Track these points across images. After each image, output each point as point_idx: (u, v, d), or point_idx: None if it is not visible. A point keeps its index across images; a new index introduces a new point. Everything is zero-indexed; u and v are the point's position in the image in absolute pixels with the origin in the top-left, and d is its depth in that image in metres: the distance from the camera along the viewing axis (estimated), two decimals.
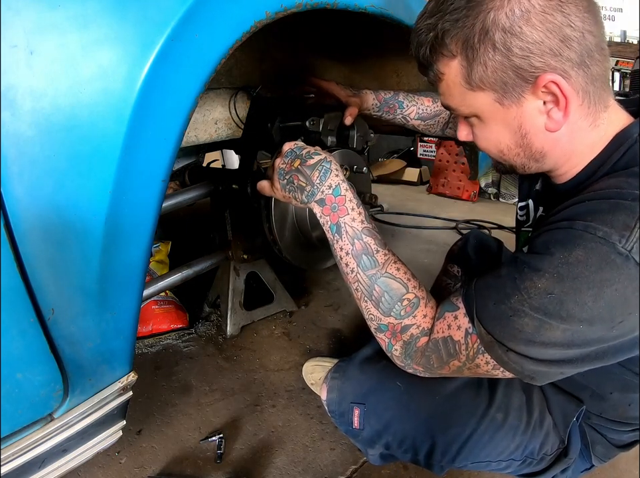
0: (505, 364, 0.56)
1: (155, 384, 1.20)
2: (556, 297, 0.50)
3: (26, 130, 0.44)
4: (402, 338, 0.63)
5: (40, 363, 0.53)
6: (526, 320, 0.52)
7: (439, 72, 0.57)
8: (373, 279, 0.64)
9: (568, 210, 0.53)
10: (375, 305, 0.64)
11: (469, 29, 0.51)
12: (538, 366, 0.54)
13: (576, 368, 0.55)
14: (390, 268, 0.64)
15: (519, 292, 0.52)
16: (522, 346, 0.53)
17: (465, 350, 0.58)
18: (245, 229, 1.34)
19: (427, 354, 0.62)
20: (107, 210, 0.51)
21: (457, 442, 0.73)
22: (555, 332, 0.51)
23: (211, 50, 0.55)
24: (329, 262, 1.36)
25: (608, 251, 0.47)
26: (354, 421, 0.77)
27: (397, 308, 0.63)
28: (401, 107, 1.06)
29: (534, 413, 0.75)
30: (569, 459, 0.76)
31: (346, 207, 0.66)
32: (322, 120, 1.04)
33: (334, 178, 0.68)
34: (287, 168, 0.71)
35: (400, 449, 0.77)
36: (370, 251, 0.64)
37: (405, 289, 0.63)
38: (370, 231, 0.66)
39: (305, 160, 0.69)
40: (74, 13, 0.44)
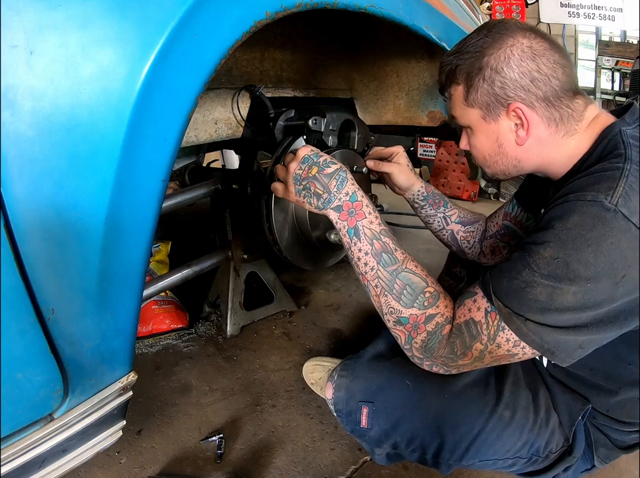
0: (525, 336, 0.60)
1: (155, 384, 1.20)
2: (561, 261, 0.56)
3: (26, 130, 0.44)
4: (426, 328, 0.66)
5: (40, 363, 0.53)
6: (538, 290, 0.58)
7: (450, 93, 0.76)
8: (394, 274, 0.68)
9: (562, 191, 0.63)
10: (396, 298, 0.68)
11: (471, 66, 0.70)
12: (556, 334, 0.58)
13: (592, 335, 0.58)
14: (409, 264, 0.69)
15: (529, 266, 0.59)
16: (539, 315, 0.58)
17: (486, 328, 0.62)
18: (245, 229, 1.34)
19: (452, 340, 0.65)
20: (107, 210, 0.51)
21: (466, 440, 0.73)
22: (566, 296, 0.56)
23: (211, 50, 0.55)
24: (329, 262, 1.36)
25: (598, 210, 0.55)
26: (362, 420, 0.77)
27: (420, 299, 0.67)
28: (445, 207, 1.10)
29: (541, 411, 0.76)
30: (573, 458, 0.77)
31: (364, 211, 0.72)
32: (325, 120, 1.04)
33: (350, 186, 0.74)
34: (303, 174, 0.75)
35: (408, 449, 0.78)
36: (390, 249, 0.70)
37: (425, 283, 0.68)
38: (387, 232, 0.71)
39: (323, 168, 0.74)
40: (74, 13, 0.44)
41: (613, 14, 3.73)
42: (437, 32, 0.97)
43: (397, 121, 1.43)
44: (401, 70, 1.34)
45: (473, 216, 1.10)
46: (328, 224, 1.18)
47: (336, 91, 1.42)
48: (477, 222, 1.09)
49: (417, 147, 3.49)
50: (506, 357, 0.63)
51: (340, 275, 1.84)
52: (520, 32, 0.68)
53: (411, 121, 1.40)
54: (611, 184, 0.56)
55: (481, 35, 0.70)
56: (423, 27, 0.92)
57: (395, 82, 1.37)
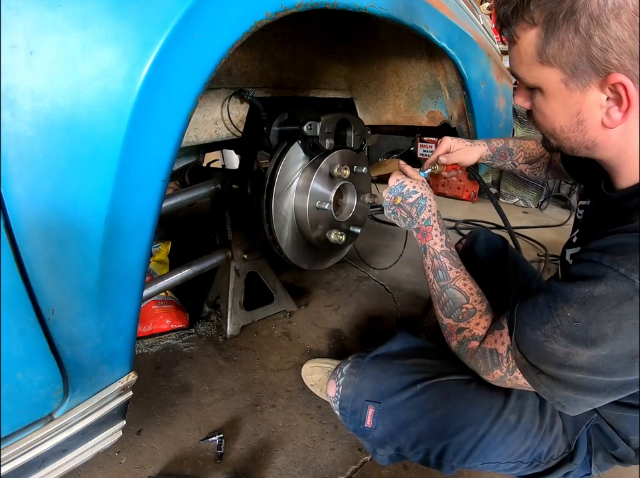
0: (537, 387, 0.62)
1: (155, 384, 1.20)
2: (582, 326, 0.54)
3: (26, 130, 0.44)
4: (457, 338, 0.74)
5: (40, 363, 0.53)
6: (556, 346, 0.57)
7: (515, 35, 0.56)
8: (443, 288, 0.77)
9: (603, 240, 0.55)
10: (441, 308, 0.78)
11: (557, 4, 0.50)
12: (566, 391, 0.59)
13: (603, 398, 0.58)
14: (458, 283, 0.76)
15: (552, 319, 0.57)
16: (553, 369, 0.59)
17: (506, 363, 0.65)
18: (246, 229, 1.34)
19: (476, 358, 0.70)
20: (107, 210, 0.51)
21: (470, 442, 0.73)
22: (582, 357, 0.55)
23: (211, 50, 0.55)
24: (329, 262, 1.36)
25: (628, 289, 0.51)
26: (367, 419, 0.77)
27: (456, 313, 0.75)
28: (511, 154, 1.09)
29: (546, 418, 0.76)
30: (573, 464, 0.77)
31: (432, 234, 0.82)
32: (320, 124, 1.04)
33: (427, 213, 0.83)
34: (391, 202, 0.87)
35: (412, 451, 0.78)
36: (445, 268, 0.78)
37: (466, 300, 0.75)
38: (446, 253, 0.79)
39: (405, 198, 0.84)
40: (74, 13, 0.44)
41: None
42: (437, 32, 0.97)
43: (397, 121, 1.43)
44: (401, 70, 1.34)
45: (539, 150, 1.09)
46: (328, 224, 1.19)
47: (336, 91, 1.42)
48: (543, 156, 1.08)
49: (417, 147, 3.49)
50: (525, 387, 0.66)
51: (340, 275, 1.84)
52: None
53: (411, 121, 1.40)
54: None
55: None
56: (423, 27, 0.92)
57: (395, 82, 1.37)
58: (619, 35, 0.48)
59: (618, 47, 0.49)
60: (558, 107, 0.58)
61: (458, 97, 1.26)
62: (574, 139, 0.60)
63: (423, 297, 1.65)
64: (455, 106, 1.29)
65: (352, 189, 1.23)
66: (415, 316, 1.52)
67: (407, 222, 0.85)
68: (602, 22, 0.48)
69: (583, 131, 0.58)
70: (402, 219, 0.86)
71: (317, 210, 1.12)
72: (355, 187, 1.23)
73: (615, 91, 0.52)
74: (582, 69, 0.52)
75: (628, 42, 0.48)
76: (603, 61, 0.50)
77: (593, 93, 0.53)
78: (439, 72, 1.25)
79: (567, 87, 0.54)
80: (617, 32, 0.48)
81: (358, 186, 1.24)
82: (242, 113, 1.10)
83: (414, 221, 0.84)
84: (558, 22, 0.50)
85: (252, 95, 1.05)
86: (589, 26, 0.49)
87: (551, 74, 0.55)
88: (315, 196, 1.11)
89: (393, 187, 0.87)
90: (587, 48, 0.50)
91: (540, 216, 2.79)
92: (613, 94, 0.52)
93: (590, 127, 0.57)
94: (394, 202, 0.86)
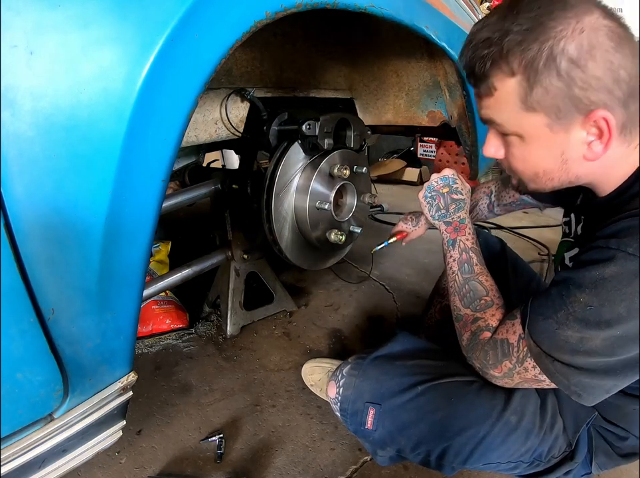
0: (552, 375, 0.61)
1: (155, 384, 1.20)
2: (595, 309, 0.55)
3: (26, 130, 0.44)
4: (471, 328, 0.74)
5: (40, 363, 0.53)
6: (569, 333, 0.57)
7: (493, 86, 0.57)
8: (466, 281, 0.78)
9: (607, 229, 0.57)
10: (460, 299, 0.78)
11: (535, 52, 0.52)
12: (582, 377, 0.59)
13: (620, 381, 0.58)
14: (481, 277, 0.78)
15: (565, 306, 0.58)
16: (568, 356, 0.58)
17: (516, 352, 0.65)
18: (246, 229, 1.34)
19: (486, 349, 0.69)
20: (107, 210, 0.51)
21: (471, 443, 0.73)
22: (596, 341, 0.55)
23: (211, 50, 0.55)
24: (329, 262, 1.36)
25: (637, 266, 0.52)
26: (368, 421, 0.77)
27: (475, 303, 0.75)
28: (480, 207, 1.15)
29: (547, 417, 0.76)
30: (574, 463, 0.76)
31: (465, 231, 0.84)
32: (319, 124, 1.04)
33: (464, 213, 0.86)
34: (437, 187, 0.88)
35: (412, 452, 0.77)
36: (472, 262, 0.80)
37: (486, 293, 0.76)
38: (476, 251, 0.81)
39: (452, 192, 0.87)
40: (74, 13, 0.44)
41: None
42: (437, 32, 0.97)
43: (397, 121, 1.43)
44: (401, 70, 1.34)
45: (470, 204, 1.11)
46: (328, 224, 1.19)
47: (336, 91, 1.42)
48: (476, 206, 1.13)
49: (417, 147, 3.49)
50: (534, 381, 0.65)
51: (340, 275, 1.84)
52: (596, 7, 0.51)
53: (411, 121, 1.40)
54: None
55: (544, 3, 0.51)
56: (423, 27, 0.92)
57: (395, 82, 1.37)
58: (596, 73, 0.51)
59: (596, 84, 0.51)
60: (541, 151, 0.59)
61: (458, 97, 1.26)
62: (558, 178, 0.61)
63: (423, 297, 1.65)
64: (455, 106, 1.29)
65: (352, 189, 1.23)
66: (415, 316, 1.52)
67: (438, 212, 0.87)
68: (581, 63, 0.50)
69: (567, 169, 0.60)
70: (436, 207, 0.88)
71: (317, 210, 1.12)
72: (355, 187, 1.23)
73: (596, 125, 0.54)
74: (565, 110, 0.54)
75: (603, 79, 0.51)
76: (585, 100, 0.52)
77: (576, 132, 0.55)
78: (439, 72, 1.25)
79: (552, 131, 0.56)
80: (594, 71, 0.51)
81: (358, 186, 1.25)
82: (242, 113, 1.10)
83: (447, 214, 0.86)
84: (540, 69, 0.52)
85: (252, 94, 1.05)
86: (570, 68, 0.51)
87: (535, 120, 0.56)
88: (315, 196, 1.11)
89: (446, 176, 0.88)
90: (570, 90, 0.52)
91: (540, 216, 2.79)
92: (593, 129, 0.55)
93: (573, 164, 0.59)
94: (440, 189, 0.88)
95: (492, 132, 0.64)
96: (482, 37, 0.55)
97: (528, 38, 0.52)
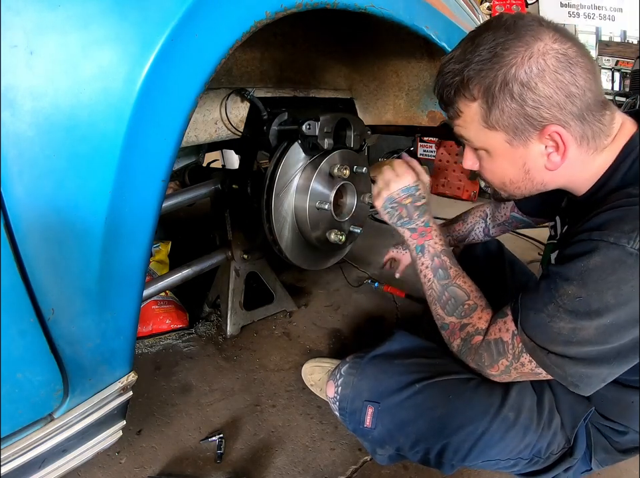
0: (548, 368, 0.63)
1: (155, 384, 1.20)
2: (583, 300, 0.57)
3: (26, 130, 0.44)
4: (460, 335, 0.74)
5: (40, 363, 0.53)
6: (561, 324, 0.59)
7: (459, 110, 0.65)
8: (444, 287, 0.78)
9: (588, 223, 0.60)
10: (442, 307, 0.78)
11: (492, 79, 0.58)
12: (578, 367, 0.60)
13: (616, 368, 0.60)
14: (458, 280, 0.78)
15: (555, 300, 0.60)
16: (562, 347, 0.60)
17: (512, 349, 0.66)
18: (246, 229, 1.34)
19: (480, 352, 0.70)
20: (107, 210, 0.51)
21: (469, 441, 0.74)
22: (588, 330, 0.58)
23: (211, 50, 0.55)
24: (329, 262, 1.36)
25: (620, 254, 0.54)
26: (367, 419, 0.77)
27: (459, 310, 0.75)
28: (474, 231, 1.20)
29: (544, 413, 0.76)
30: (573, 459, 0.77)
31: (432, 234, 0.83)
32: (319, 124, 1.04)
33: (427, 216, 0.86)
34: (398, 199, 0.86)
35: (411, 451, 0.78)
36: (446, 266, 0.79)
37: (467, 297, 0.76)
38: (446, 252, 0.81)
39: (415, 201, 0.86)
40: (74, 13, 0.44)
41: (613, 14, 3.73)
42: (437, 32, 0.97)
43: (397, 121, 1.43)
44: (401, 70, 1.34)
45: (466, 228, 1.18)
46: (328, 224, 1.19)
47: (336, 91, 1.42)
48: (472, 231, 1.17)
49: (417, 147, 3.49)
50: (531, 375, 0.67)
51: (340, 275, 1.84)
52: (547, 32, 0.57)
53: (411, 121, 1.40)
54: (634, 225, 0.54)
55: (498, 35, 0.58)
56: (423, 27, 0.92)
57: (395, 82, 1.37)
58: (547, 93, 0.57)
59: (547, 103, 0.57)
60: (505, 164, 0.66)
61: None
62: (524, 186, 0.68)
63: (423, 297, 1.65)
64: None
65: (352, 189, 1.23)
66: (415, 316, 1.52)
67: (401, 220, 0.86)
68: (531, 86, 0.57)
69: (531, 178, 0.66)
70: (398, 217, 0.86)
71: (317, 210, 1.12)
72: (355, 187, 1.23)
73: (552, 139, 0.60)
74: (521, 128, 0.60)
75: (554, 97, 0.57)
76: (538, 117, 0.58)
77: (534, 145, 0.62)
78: None
79: (512, 145, 0.63)
80: (544, 91, 0.57)
81: (358, 186, 1.24)
82: (242, 113, 1.10)
83: (412, 222, 0.85)
84: (495, 94, 0.59)
85: (252, 94, 1.05)
86: (522, 91, 0.57)
87: (496, 137, 0.63)
88: (314, 196, 1.11)
89: (408, 187, 0.86)
90: (523, 110, 0.58)
91: None
92: (550, 142, 0.61)
93: (536, 174, 0.65)
94: (401, 201, 0.86)
95: (467, 147, 0.71)
96: (449, 69, 0.63)
97: (485, 67, 0.58)
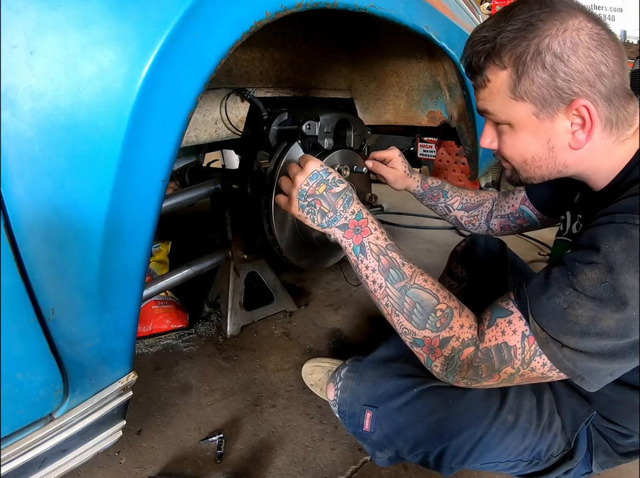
0: (559, 363, 0.57)
1: (155, 384, 1.20)
2: (608, 285, 0.53)
3: (26, 130, 0.44)
4: (442, 353, 0.63)
5: (40, 363, 0.53)
6: (580, 311, 0.55)
7: (487, 78, 0.63)
8: (403, 291, 0.66)
9: (608, 209, 0.58)
10: (407, 319, 0.65)
11: (524, 48, 0.58)
12: (590, 362, 0.56)
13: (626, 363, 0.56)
14: (417, 279, 0.66)
15: (573, 285, 0.55)
16: (577, 339, 0.55)
17: (521, 353, 0.59)
18: (246, 229, 1.34)
19: (476, 364, 0.62)
20: (107, 210, 0.51)
21: (469, 443, 0.73)
22: (609, 321, 0.53)
23: (211, 50, 0.55)
24: (329, 262, 1.36)
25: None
26: (365, 423, 0.77)
27: (431, 320, 0.64)
28: (445, 197, 1.12)
29: (544, 415, 0.75)
30: (574, 462, 0.76)
31: (369, 228, 0.71)
32: (319, 124, 1.04)
33: (356, 205, 0.73)
34: (310, 191, 0.73)
35: (410, 454, 0.77)
36: (397, 264, 0.68)
37: (436, 300, 0.65)
38: (393, 246, 0.70)
39: (331, 187, 0.73)
40: (74, 13, 0.44)
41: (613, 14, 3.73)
42: (437, 32, 0.97)
43: (397, 121, 1.43)
44: (401, 70, 1.34)
45: (478, 199, 1.12)
46: None
47: (336, 91, 1.42)
48: (482, 205, 1.11)
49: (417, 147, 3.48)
50: (537, 379, 0.62)
51: (340, 275, 1.84)
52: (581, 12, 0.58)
53: (411, 121, 1.40)
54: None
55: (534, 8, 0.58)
56: (423, 27, 0.92)
57: (395, 82, 1.37)
58: (578, 67, 0.57)
59: (578, 77, 0.57)
60: (529, 138, 0.64)
61: (458, 97, 1.26)
62: (546, 166, 0.65)
63: None
64: (455, 106, 1.29)
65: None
66: None
67: (326, 217, 0.72)
68: (564, 58, 0.57)
69: (554, 156, 0.64)
70: (321, 214, 0.72)
71: None
72: (355, 187, 1.23)
73: (579, 115, 0.59)
74: (550, 100, 0.59)
75: (585, 73, 0.57)
76: (568, 90, 0.58)
77: (561, 120, 0.60)
78: (439, 72, 1.25)
79: (538, 118, 0.61)
80: (576, 65, 0.57)
81: (358, 186, 1.24)
82: (242, 113, 1.10)
83: (338, 216, 0.71)
84: (527, 62, 0.58)
85: (252, 94, 1.05)
86: (554, 62, 0.57)
87: (523, 108, 0.61)
88: None
89: (315, 173, 0.73)
90: (554, 81, 0.58)
91: None
92: (577, 118, 0.60)
93: (560, 152, 0.63)
94: (314, 191, 0.72)
95: (488, 124, 0.69)
96: (480, 36, 0.62)
97: (518, 36, 0.58)
